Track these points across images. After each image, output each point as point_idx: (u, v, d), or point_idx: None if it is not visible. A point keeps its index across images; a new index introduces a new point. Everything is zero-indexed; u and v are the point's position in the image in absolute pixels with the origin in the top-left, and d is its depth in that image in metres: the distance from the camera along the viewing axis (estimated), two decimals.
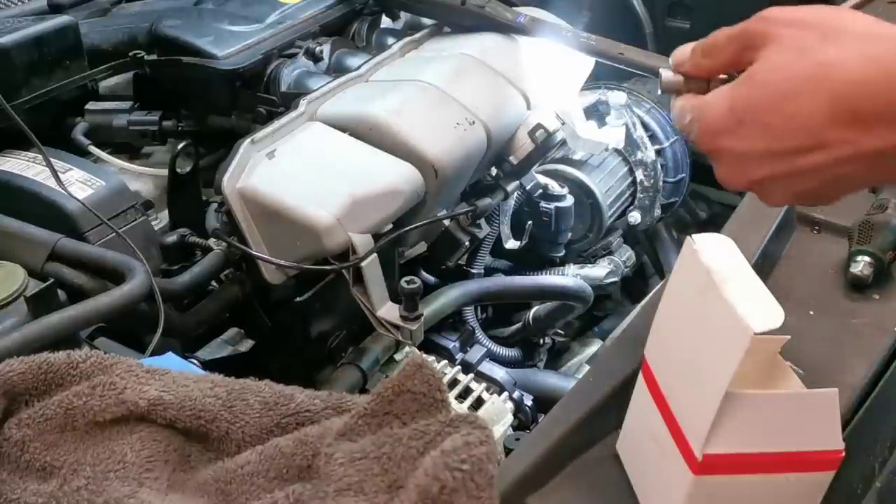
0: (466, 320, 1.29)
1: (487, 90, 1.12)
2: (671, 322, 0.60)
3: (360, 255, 0.92)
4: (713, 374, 0.52)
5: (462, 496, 0.50)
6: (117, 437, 0.63)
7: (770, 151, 0.58)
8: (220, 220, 0.98)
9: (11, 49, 1.02)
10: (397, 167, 0.98)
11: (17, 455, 0.62)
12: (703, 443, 0.53)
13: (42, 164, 0.97)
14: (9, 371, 0.64)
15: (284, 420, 0.64)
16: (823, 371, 0.70)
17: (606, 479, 0.65)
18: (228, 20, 1.20)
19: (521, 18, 1.20)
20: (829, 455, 0.54)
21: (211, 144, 1.15)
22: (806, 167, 0.57)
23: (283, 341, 1.09)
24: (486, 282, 1.28)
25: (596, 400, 0.69)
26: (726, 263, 0.55)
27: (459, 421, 0.56)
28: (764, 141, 0.58)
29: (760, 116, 0.58)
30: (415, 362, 0.59)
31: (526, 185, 1.29)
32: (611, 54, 1.16)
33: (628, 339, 0.78)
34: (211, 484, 0.61)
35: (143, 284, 0.84)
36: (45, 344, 0.74)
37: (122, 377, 0.64)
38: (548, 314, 1.35)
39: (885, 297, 0.79)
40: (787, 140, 0.57)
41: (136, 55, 1.15)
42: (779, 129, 0.57)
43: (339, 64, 1.22)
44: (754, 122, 0.58)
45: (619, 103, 1.46)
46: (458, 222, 1.21)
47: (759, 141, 0.58)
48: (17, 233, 0.90)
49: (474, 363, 1.13)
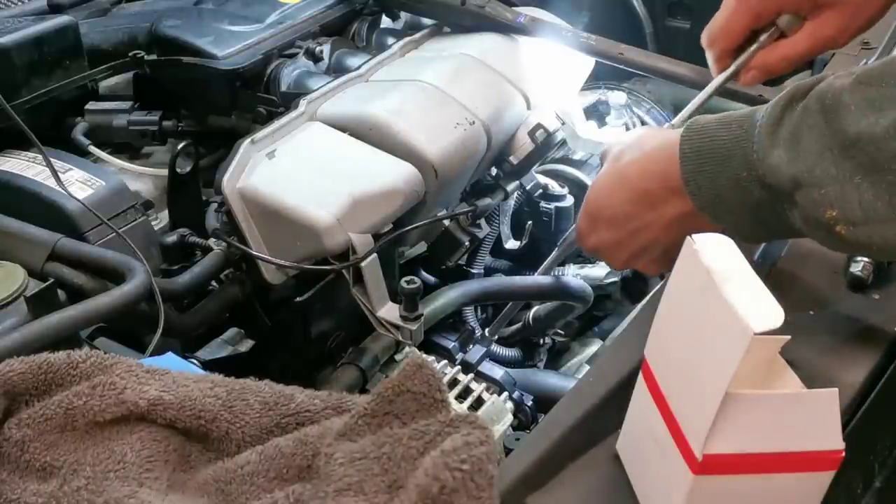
0: (466, 320, 1.29)
1: (487, 90, 1.12)
2: (671, 322, 0.60)
3: (360, 255, 0.92)
4: (713, 374, 0.52)
5: (462, 496, 0.50)
6: (117, 437, 0.63)
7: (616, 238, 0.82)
8: (220, 220, 0.98)
9: (11, 49, 1.02)
10: (397, 167, 0.98)
11: (17, 455, 0.62)
12: (703, 443, 0.53)
13: (42, 164, 0.96)
14: (9, 371, 0.64)
15: (284, 420, 0.64)
16: (823, 371, 0.70)
17: (606, 479, 0.65)
18: (228, 20, 1.20)
19: (521, 18, 1.20)
20: (829, 455, 0.54)
21: (211, 144, 1.15)
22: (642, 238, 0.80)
23: (283, 341, 1.09)
24: (486, 282, 1.28)
25: (596, 400, 0.69)
26: (726, 263, 0.55)
27: (459, 421, 0.56)
28: (609, 231, 0.82)
29: (601, 215, 0.82)
30: (415, 362, 0.59)
31: (526, 185, 1.29)
32: (611, 54, 1.16)
33: (628, 339, 0.78)
34: (211, 484, 0.61)
35: (143, 284, 0.84)
36: (45, 344, 0.74)
37: (122, 377, 0.64)
38: (548, 314, 1.34)
39: (885, 297, 0.79)
40: (621, 224, 0.81)
41: (136, 55, 1.15)
42: (615, 219, 0.81)
43: (339, 64, 1.22)
44: (599, 220, 0.83)
45: (619, 103, 1.46)
46: (458, 222, 1.21)
47: (605, 232, 0.83)
48: (17, 233, 0.89)
49: (474, 363, 1.13)
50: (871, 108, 0.61)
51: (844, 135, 0.62)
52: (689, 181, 0.72)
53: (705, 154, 0.71)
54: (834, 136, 0.62)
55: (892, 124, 0.59)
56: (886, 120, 0.60)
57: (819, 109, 0.64)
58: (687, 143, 0.72)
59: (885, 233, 0.62)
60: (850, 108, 0.62)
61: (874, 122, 0.60)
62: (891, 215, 0.61)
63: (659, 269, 0.87)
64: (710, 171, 0.71)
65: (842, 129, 0.62)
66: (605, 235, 0.84)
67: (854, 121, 0.61)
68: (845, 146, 0.62)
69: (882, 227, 0.62)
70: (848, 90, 0.63)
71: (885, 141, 0.60)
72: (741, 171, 0.68)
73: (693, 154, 0.71)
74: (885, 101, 0.60)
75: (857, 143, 0.61)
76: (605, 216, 0.83)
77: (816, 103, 0.64)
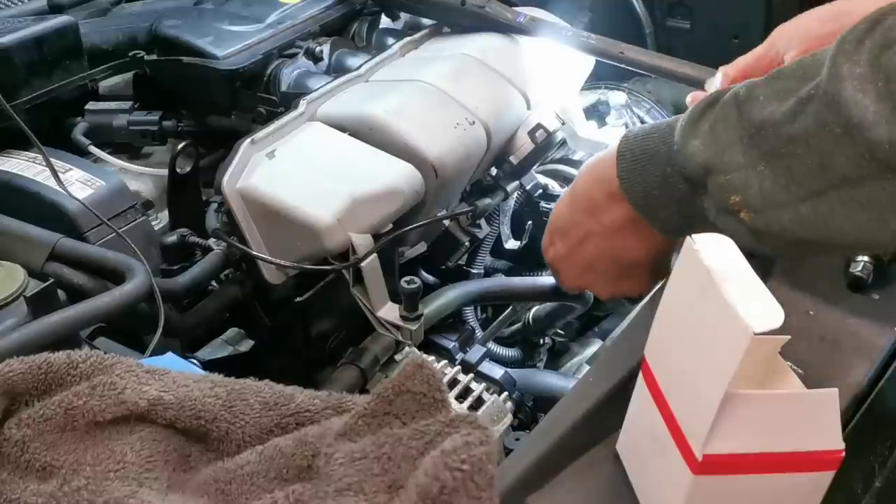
0: (466, 320, 1.29)
1: (487, 90, 1.12)
2: (671, 322, 0.60)
3: (360, 255, 0.92)
4: (713, 374, 0.52)
5: (462, 496, 0.50)
6: (117, 437, 0.63)
7: (566, 249, 0.87)
8: (220, 220, 0.98)
9: (11, 49, 1.02)
10: (397, 167, 0.97)
11: (17, 455, 0.62)
12: (703, 443, 0.53)
13: (42, 164, 0.96)
14: (9, 371, 0.64)
15: (284, 420, 0.64)
16: (823, 371, 0.70)
17: (606, 479, 0.65)
18: (228, 20, 1.20)
19: (521, 18, 1.20)
20: (829, 455, 0.54)
21: (211, 144, 1.15)
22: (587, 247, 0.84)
23: (283, 341, 1.09)
24: (486, 282, 1.28)
25: (596, 400, 0.69)
26: (726, 263, 0.55)
27: (459, 421, 0.56)
28: (561, 243, 0.88)
29: (555, 226, 0.88)
30: (415, 362, 0.59)
31: (526, 185, 1.29)
32: (611, 54, 1.16)
33: (628, 339, 0.78)
34: (211, 484, 0.61)
35: (143, 284, 0.84)
36: (45, 344, 0.74)
37: (122, 377, 0.64)
38: (548, 314, 1.34)
39: (885, 297, 0.79)
40: (569, 234, 0.86)
41: (136, 55, 1.15)
42: (564, 229, 0.87)
43: (339, 64, 1.22)
44: (554, 233, 0.89)
45: (619, 103, 1.46)
46: (458, 222, 1.21)
47: (560, 244, 0.88)
48: (17, 233, 0.89)
49: (474, 363, 1.13)
50: (776, 97, 0.64)
51: (751, 122, 0.65)
52: (623, 179, 0.76)
53: (637, 153, 0.75)
54: (743, 125, 0.65)
55: (789, 109, 0.62)
56: (785, 106, 0.62)
57: (734, 102, 0.67)
58: (624, 144, 0.77)
59: (781, 218, 0.64)
60: (759, 98, 0.65)
61: (775, 109, 0.63)
62: (785, 201, 0.63)
63: (609, 290, 0.91)
64: (640, 169, 0.75)
65: (749, 118, 0.65)
66: (560, 248, 0.88)
67: (759, 109, 0.64)
68: (751, 134, 0.65)
69: (779, 213, 0.64)
70: (761, 84, 0.66)
71: (782, 125, 0.62)
72: (666, 166, 0.72)
73: (628, 153, 0.76)
74: (788, 91, 0.63)
75: (760, 130, 0.64)
76: (557, 227, 0.88)
77: (732, 97, 0.67)
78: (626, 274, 0.86)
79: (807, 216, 0.63)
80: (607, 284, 0.89)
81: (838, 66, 0.59)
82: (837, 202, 0.61)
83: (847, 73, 0.58)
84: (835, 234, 0.63)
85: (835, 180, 0.60)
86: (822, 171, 0.60)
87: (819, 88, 0.60)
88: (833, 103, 0.58)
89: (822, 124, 0.59)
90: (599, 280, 0.89)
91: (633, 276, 0.86)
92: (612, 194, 0.78)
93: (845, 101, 0.57)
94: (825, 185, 0.61)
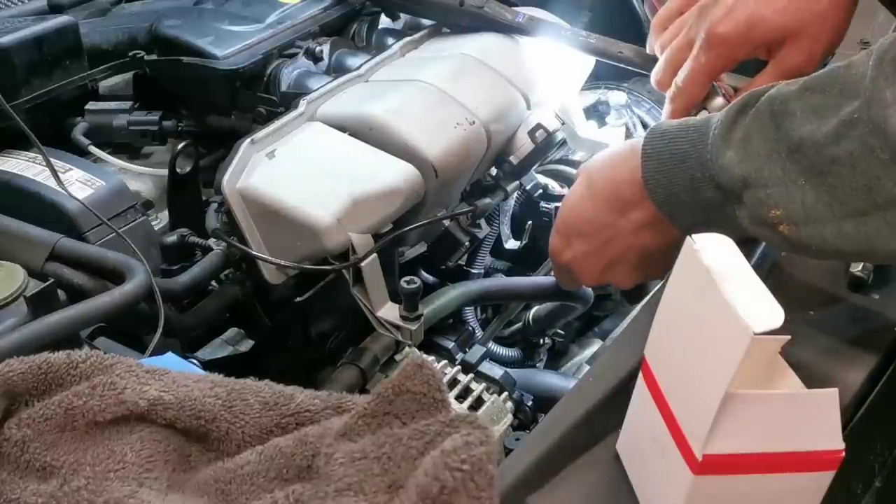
0: (466, 320, 1.29)
1: (487, 90, 1.12)
2: (671, 322, 0.60)
3: (360, 255, 0.92)
4: (713, 374, 0.52)
5: (462, 496, 0.50)
6: (117, 437, 0.63)
7: (590, 249, 0.87)
8: (220, 220, 0.98)
9: (11, 49, 1.02)
10: (397, 167, 0.97)
11: (17, 455, 0.62)
12: (703, 443, 0.53)
13: (42, 164, 0.96)
14: (9, 371, 0.64)
15: (284, 420, 0.64)
16: (823, 371, 0.70)
17: (606, 479, 0.65)
18: (228, 20, 1.20)
19: (521, 18, 1.20)
20: (829, 455, 0.54)
21: (211, 144, 1.15)
22: (615, 246, 0.85)
23: (283, 341, 1.09)
24: (486, 282, 1.28)
25: (596, 400, 0.69)
26: (726, 263, 0.55)
27: (459, 421, 0.56)
28: (582, 243, 0.87)
29: (573, 228, 0.88)
30: (415, 362, 0.59)
31: (526, 185, 1.29)
32: (611, 54, 1.16)
33: (628, 339, 0.78)
34: (211, 484, 0.61)
35: (143, 284, 0.84)
36: (45, 344, 0.74)
37: (122, 377, 0.64)
38: (548, 314, 1.34)
39: (885, 297, 0.79)
40: (594, 235, 0.86)
41: (136, 55, 1.15)
42: (587, 230, 0.86)
43: (339, 64, 1.22)
44: (571, 234, 0.88)
45: (619, 103, 1.46)
46: (458, 222, 1.21)
47: (579, 245, 0.88)
48: (17, 233, 0.89)
49: (474, 363, 1.13)
50: (814, 114, 0.64)
51: (790, 139, 0.65)
52: (648, 180, 0.77)
53: (664, 155, 0.76)
54: (781, 140, 0.66)
55: (831, 130, 0.62)
56: (827, 126, 0.63)
57: (768, 114, 0.67)
58: (649, 144, 0.77)
59: (823, 232, 0.65)
60: (796, 114, 0.65)
61: (816, 129, 0.63)
62: (829, 216, 0.64)
63: (633, 279, 0.91)
64: (667, 171, 0.76)
65: (787, 134, 0.65)
66: (579, 248, 0.88)
67: (798, 126, 0.65)
68: (791, 150, 0.65)
69: (821, 228, 0.65)
70: (795, 97, 0.66)
71: (825, 146, 0.63)
72: (696, 172, 0.73)
73: (654, 155, 0.77)
74: (827, 109, 0.63)
75: (800, 148, 0.64)
76: (577, 228, 0.88)
77: (766, 108, 0.67)
78: (651, 262, 0.87)
79: (850, 233, 0.64)
80: (631, 274, 0.89)
81: (881, 91, 0.59)
82: (883, 223, 0.62)
83: (892, 100, 0.58)
84: (878, 250, 0.64)
85: (881, 202, 0.61)
86: (867, 192, 0.61)
87: (863, 113, 0.60)
88: (879, 130, 0.59)
89: (868, 150, 0.60)
90: (623, 271, 0.89)
91: (658, 262, 0.87)
92: (639, 193, 0.79)
93: (893, 130, 0.58)
94: (870, 205, 0.62)
